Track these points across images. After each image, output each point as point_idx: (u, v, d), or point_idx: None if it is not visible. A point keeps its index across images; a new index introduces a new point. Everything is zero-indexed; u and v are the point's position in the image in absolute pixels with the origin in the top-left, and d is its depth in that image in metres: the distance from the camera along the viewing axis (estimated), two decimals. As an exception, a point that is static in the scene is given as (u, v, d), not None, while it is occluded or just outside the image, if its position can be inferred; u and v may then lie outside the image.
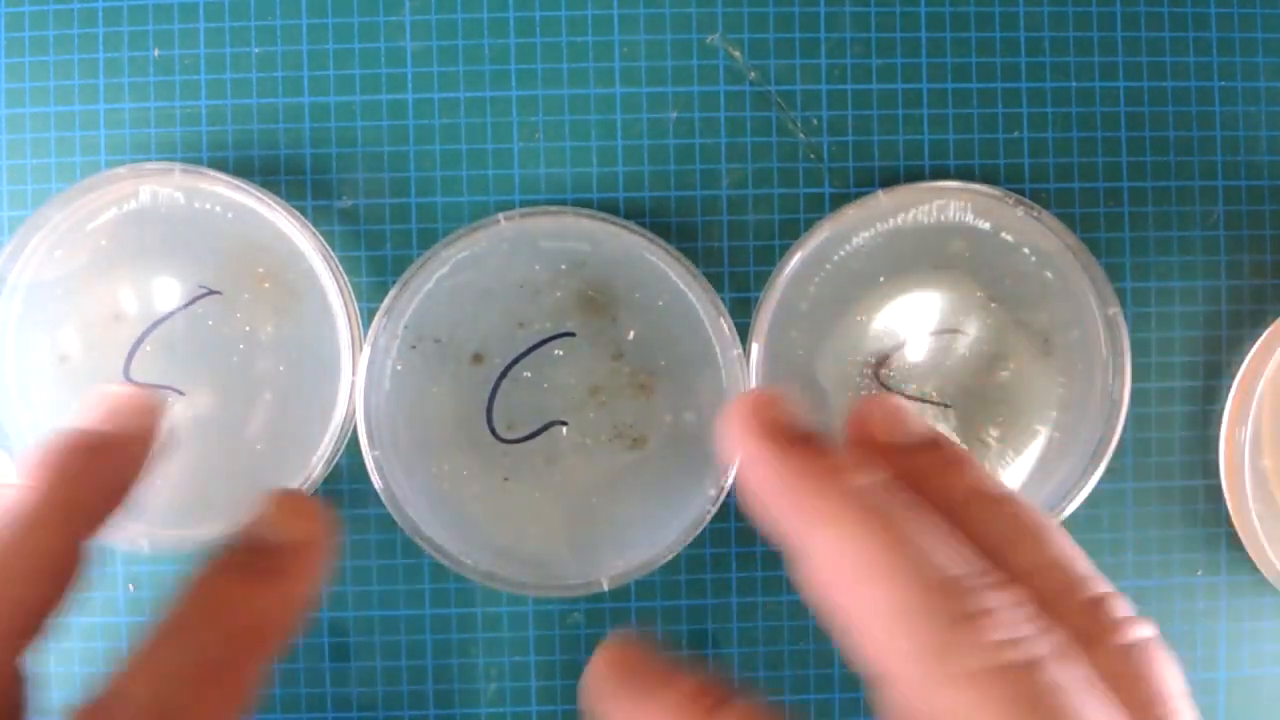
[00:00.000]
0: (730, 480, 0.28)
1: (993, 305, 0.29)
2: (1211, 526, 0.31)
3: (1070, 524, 0.31)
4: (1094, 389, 0.29)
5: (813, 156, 0.30)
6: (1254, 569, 0.30)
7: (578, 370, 0.28)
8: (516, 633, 0.30)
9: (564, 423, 0.28)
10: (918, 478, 0.21)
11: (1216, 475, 0.30)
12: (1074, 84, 0.30)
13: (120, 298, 0.29)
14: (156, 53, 0.30)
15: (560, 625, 0.30)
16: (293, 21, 0.30)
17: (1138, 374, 0.31)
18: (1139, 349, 0.31)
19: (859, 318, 0.29)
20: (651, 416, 0.29)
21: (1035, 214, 0.29)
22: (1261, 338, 0.30)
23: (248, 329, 0.29)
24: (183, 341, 0.29)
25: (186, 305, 0.28)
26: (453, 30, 0.30)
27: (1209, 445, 0.31)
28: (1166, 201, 0.31)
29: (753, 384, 0.28)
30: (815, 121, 0.30)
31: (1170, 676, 0.20)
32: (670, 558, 0.28)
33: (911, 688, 0.18)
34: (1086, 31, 0.30)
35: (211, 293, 0.28)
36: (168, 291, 0.29)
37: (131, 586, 0.30)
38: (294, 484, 0.28)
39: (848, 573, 0.19)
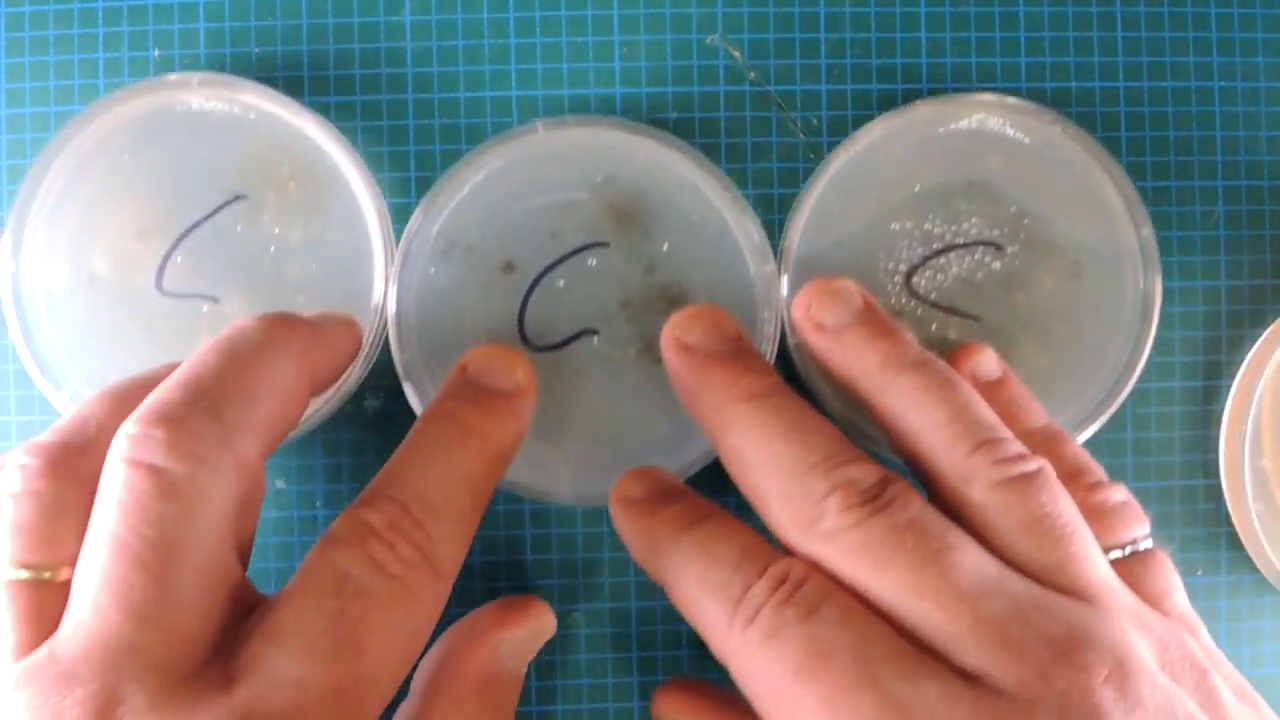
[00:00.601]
0: None
1: (1026, 221, 0.29)
2: (1211, 526, 0.31)
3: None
4: (1124, 310, 0.29)
5: (812, 156, 0.30)
6: (1254, 569, 0.30)
7: (609, 282, 0.28)
8: (516, 633, 0.30)
9: (595, 332, 0.28)
10: (844, 353, 0.25)
11: (1216, 475, 0.30)
12: (1074, 84, 0.30)
13: (146, 212, 0.28)
14: (156, 53, 0.30)
15: (559, 625, 0.30)
16: (293, 22, 0.30)
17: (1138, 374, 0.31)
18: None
19: (893, 226, 0.29)
20: None
21: (1073, 133, 0.29)
22: (1261, 338, 0.30)
23: (277, 232, 0.28)
24: (213, 250, 0.29)
25: (214, 213, 0.28)
26: (452, 31, 0.30)
27: (1209, 445, 0.31)
28: (1166, 201, 0.31)
29: (783, 296, 0.28)
30: (815, 121, 0.30)
31: (1057, 500, 0.23)
32: (696, 471, 0.28)
33: (799, 552, 0.22)
34: (1086, 32, 0.30)
35: (238, 198, 0.28)
36: (194, 201, 0.29)
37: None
38: (332, 388, 0.28)
39: (746, 465, 0.23)
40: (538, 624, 0.28)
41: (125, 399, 0.23)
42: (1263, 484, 0.30)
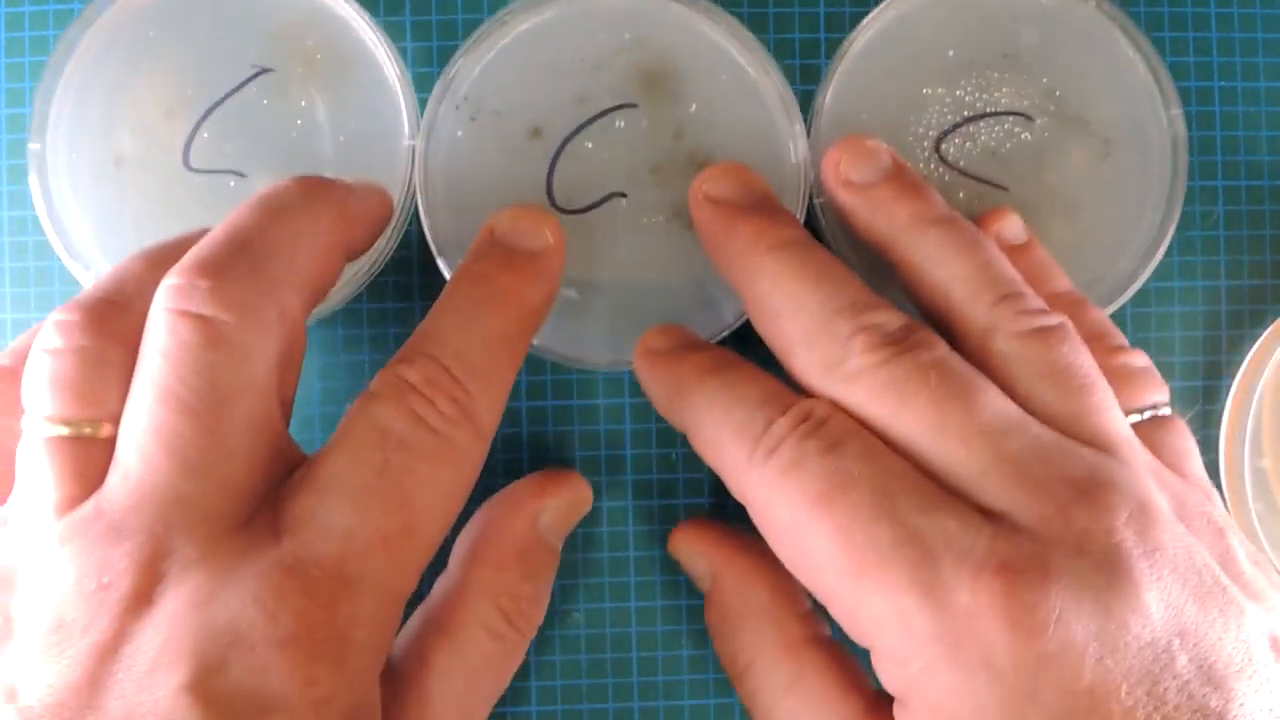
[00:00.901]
0: None
1: (1057, 95, 0.29)
2: (1211, 526, 0.31)
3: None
4: (1151, 190, 0.29)
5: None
6: (1254, 569, 0.30)
7: (638, 147, 0.28)
8: (516, 633, 0.30)
9: (623, 195, 0.28)
10: (872, 209, 0.25)
11: (1216, 475, 0.30)
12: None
13: (173, 89, 0.28)
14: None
15: (560, 625, 0.30)
16: None
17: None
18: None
19: (924, 91, 0.29)
20: None
21: (1108, 11, 0.29)
22: (1261, 338, 0.30)
23: (303, 105, 0.28)
24: (239, 126, 0.28)
25: (239, 87, 0.28)
26: None
27: (1209, 445, 0.31)
28: (1166, 201, 0.31)
29: (812, 158, 0.28)
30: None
31: (1078, 353, 0.23)
32: (722, 336, 0.28)
33: (823, 396, 0.23)
34: (1086, 31, 0.30)
35: (263, 71, 0.28)
36: (220, 76, 0.28)
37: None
38: (363, 258, 0.28)
39: (771, 313, 0.24)
40: (576, 495, 0.28)
41: (162, 260, 0.23)
42: (1263, 484, 0.30)
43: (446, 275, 0.28)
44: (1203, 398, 0.31)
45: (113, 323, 0.22)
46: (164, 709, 0.19)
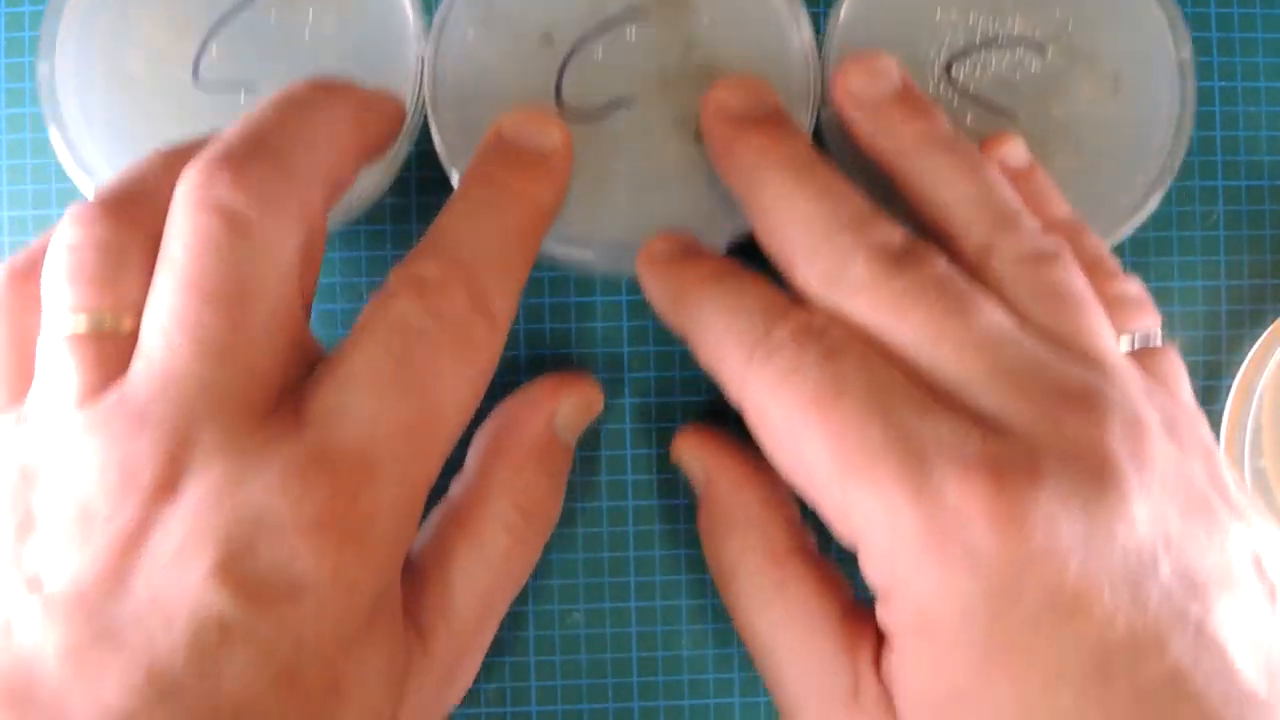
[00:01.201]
0: None
1: (1070, 27, 0.29)
2: (1211, 526, 0.31)
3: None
4: (1158, 127, 0.29)
5: None
6: (1254, 569, 0.30)
7: (649, 56, 0.28)
8: (516, 632, 0.30)
9: (633, 104, 0.28)
10: (878, 127, 0.25)
11: (1216, 475, 0.30)
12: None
13: (179, 5, 0.28)
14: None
15: (560, 625, 0.30)
16: None
17: (1138, 374, 0.31)
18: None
19: (938, 13, 0.29)
20: None
21: None
22: (1261, 338, 0.30)
23: (311, 16, 0.28)
24: (248, 39, 0.28)
25: (247, 1, 0.28)
26: None
27: (1209, 445, 0.31)
28: (1166, 202, 0.31)
29: (823, 74, 0.28)
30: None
31: (1074, 276, 0.23)
32: (729, 245, 0.28)
33: (823, 308, 0.23)
34: (1086, 31, 0.30)
35: None
36: None
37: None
38: (375, 166, 0.28)
39: (775, 225, 0.24)
40: (588, 396, 0.28)
41: (180, 157, 0.23)
42: (1263, 484, 0.30)
43: (456, 184, 0.27)
44: (1203, 398, 0.31)
45: (132, 214, 0.22)
46: (192, 593, 0.19)
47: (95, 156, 0.28)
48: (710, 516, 0.27)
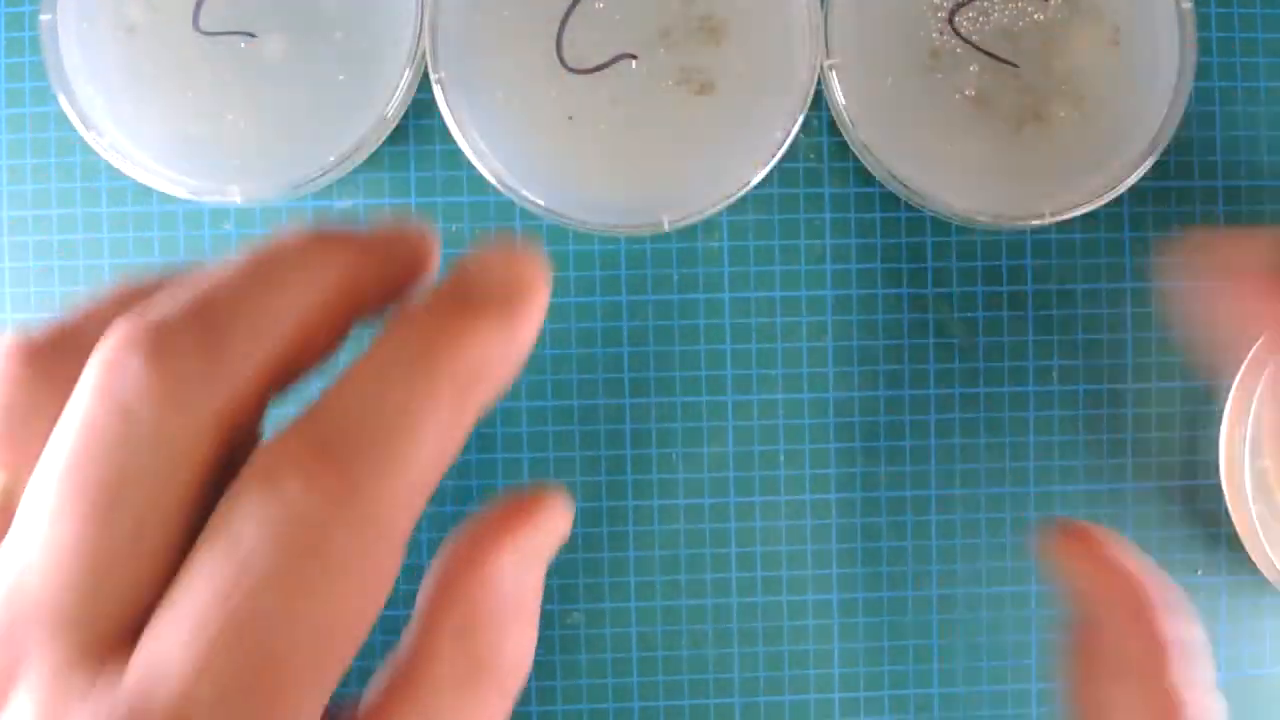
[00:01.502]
0: (792, 134, 0.28)
1: None
2: (1211, 526, 0.31)
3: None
4: (1158, 81, 0.29)
5: (811, 157, 0.30)
6: (1254, 569, 0.30)
7: (649, 9, 0.28)
8: (516, 633, 0.30)
9: (633, 57, 0.28)
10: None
11: (1216, 475, 0.30)
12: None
13: None
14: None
15: (560, 625, 0.30)
16: None
17: (1138, 374, 0.31)
18: (1139, 349, 0.31)
19: None
20: (719, 63, 0.29)
21: None
22: (1261, 338, 0.30)
23: None
24: None
25: None
26: None
27: (1209, 445, 0.31)
28: (1166, 202, 0.31)
29: (821, 35, 0.28)
30: (815, 123, 0.30)
31: None
32: (731, 201, 0.28)
33: None
34: (1086, 31, 0.30)
35: None
36: None
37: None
38: (375, 115, 0.28)
39: None
40: (549, 524, 0.23)
41: (131, 300, 0.20)
42: (1263, 484, 0.30)
43: (453, 129, 0.28)
44: (1203, 398, 0.31)
45: (56, 365, 0.19)
46: None
47: (95, 106, 0.28)
48: (1090, 654, 0.23)
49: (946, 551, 0.31)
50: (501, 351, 0.20)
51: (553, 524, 0.23)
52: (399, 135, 0.30)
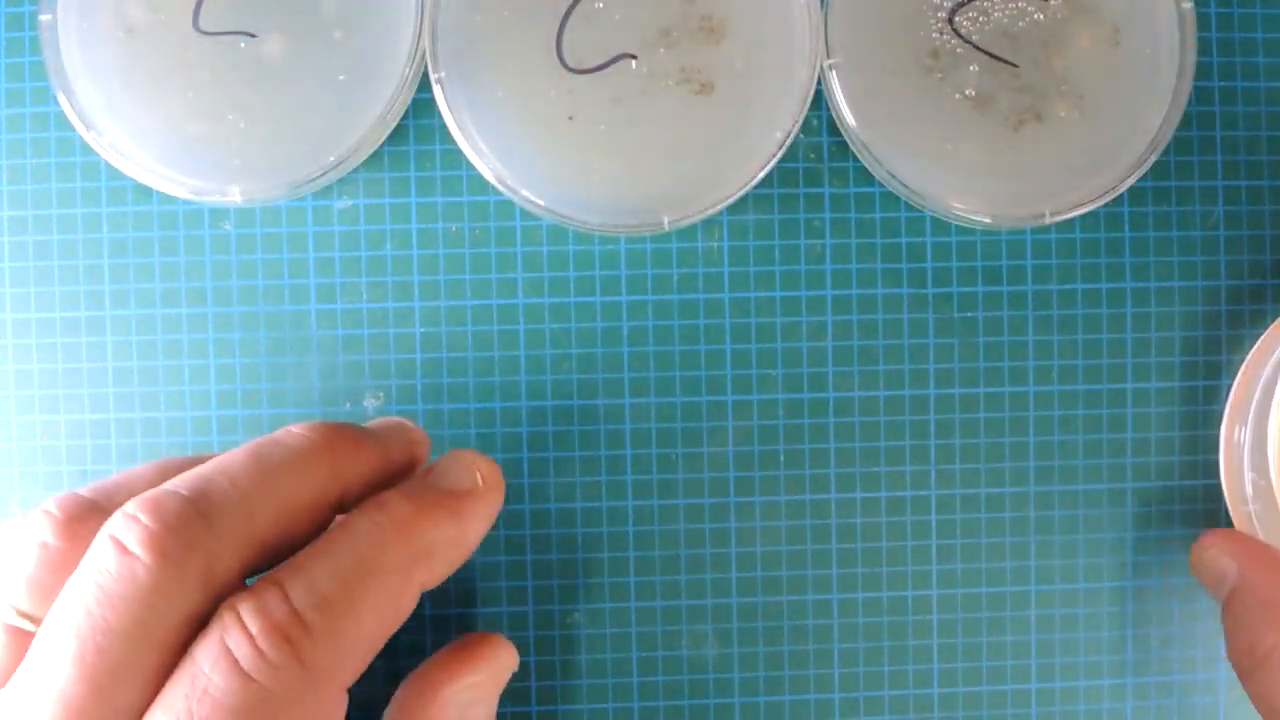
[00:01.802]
0: (794, 131, 0.28)
1: None
2: (1211, 526, 0.31)
3: (1070, 526, 0.31)
4: (1159, 81, 0.29)
5: (811, 157, 0.30)
6: (1254, 569, 0.30)
7: (649, 8, 0.28)
8: (516, 632, 0.30)
9: (634, 57, 0.28)
10: None
11: (1216, 475, 0.30)
12: (1074, 84, 0.30)
13: None
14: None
15: (560, 625, 0.30)
16: None
17: (1138, 374, 0.31)
18: (1139, 350, 0.31)
19: None
20: (719, 63, 0.29)
21: None
22: (1261, 338, 0.30)
23: None
24: None
25: None
26: None
27: (1209, 445, 0.31)
28: (1166, 202, 0.31)
29: (821, 35, 0.28)
30: (815, 122, 0.30)
31: None
32: (731, 201, 0.28)
33: None
34: (1086, 31, 0.30)
35: None
36: None
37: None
38: (375, 115, 0.28)
39: None
40: (495, 663, 0.26)
41: (159, 477, 0.23)
42: (1262, 484, 0.30)
43: (451, 126, 0.28)
44: (1203, 398, 0.31)
45: (87, 528, 0.21)
46: None
47: (95, 106, 0.28)
48: (1244, 604, 0.27)
49: (946, 551, 0.31)
50: (450, 537, 0.23)
51: (499, 663, 0.27)
52: (399, 135, 0.30)
